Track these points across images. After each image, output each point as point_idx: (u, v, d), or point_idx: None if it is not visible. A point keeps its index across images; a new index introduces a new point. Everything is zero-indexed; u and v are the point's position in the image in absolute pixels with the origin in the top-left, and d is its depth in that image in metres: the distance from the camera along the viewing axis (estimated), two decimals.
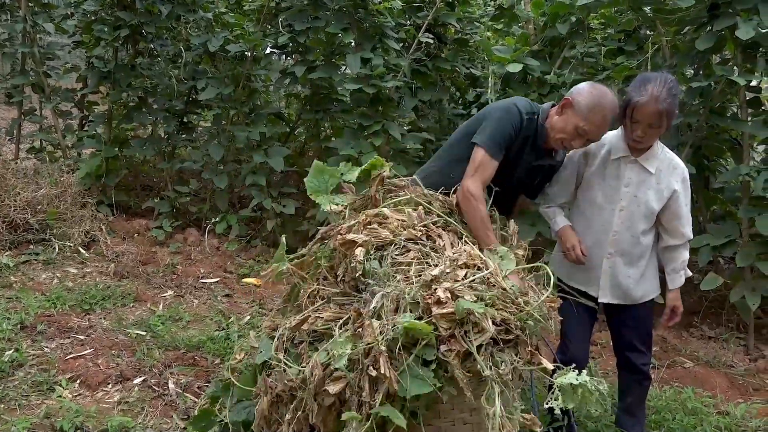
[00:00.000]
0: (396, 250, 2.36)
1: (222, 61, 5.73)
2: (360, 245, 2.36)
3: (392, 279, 2.26)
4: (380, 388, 2.07)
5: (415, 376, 2.06)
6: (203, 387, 3.29)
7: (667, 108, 2.44)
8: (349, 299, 2.41)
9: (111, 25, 5.78)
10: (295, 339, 2.41)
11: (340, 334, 2.21)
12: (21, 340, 3.64)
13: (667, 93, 2.44)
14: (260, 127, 5.57)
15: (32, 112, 6.46)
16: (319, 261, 2.55)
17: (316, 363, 2.17)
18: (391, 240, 2.38)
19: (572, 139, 2.58)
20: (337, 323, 2.29)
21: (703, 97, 4.22)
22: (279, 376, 2.31)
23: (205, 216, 5.81)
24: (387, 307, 2.16)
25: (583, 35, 4.70)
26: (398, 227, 2.44)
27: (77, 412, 2.95)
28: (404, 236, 2.40)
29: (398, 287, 2.20)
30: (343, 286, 2.44)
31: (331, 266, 2.54)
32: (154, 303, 4.38)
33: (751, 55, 4.12)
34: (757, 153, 5.13)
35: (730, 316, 4.33)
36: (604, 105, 2.53)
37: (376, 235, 2.40)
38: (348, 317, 2.29)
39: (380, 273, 2.29)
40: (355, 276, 2.37)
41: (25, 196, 5.21)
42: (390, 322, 2.10)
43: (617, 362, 2.87)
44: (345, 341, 2.15)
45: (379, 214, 2.50)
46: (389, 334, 2.06)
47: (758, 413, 3.20)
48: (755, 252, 3.97)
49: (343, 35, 5.36)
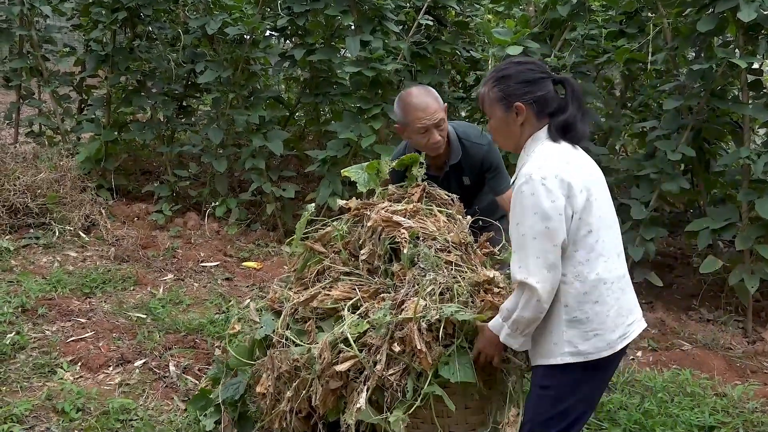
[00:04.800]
0: (439, 245, 2.33)
1: (221, 44, 5.69)
2: (406, 228, 2.33)
3: (441, 267, 2.23)
4: (396, 365, 2.08)
5: (464, 363, 2.08)
6: (204, 369, 3.32)
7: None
8: (359, 280, 2.40)
9: (108, 8, 5.74)
10: (297, 314, 2.40)
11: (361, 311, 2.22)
12: (22, 323, 3.66)
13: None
14: (259, 111, 5.55)
15: (31, 96, 6.43)
16: (339, 236, 2.52)
17: (325, 345, 2.16)
18: (435, 236, 2.35)
19: (425, 139, 2.73)
20: (347, 303, 2.28)
21: (704, 79, 4.20)
22: (284, 354, 2.30)
23: (205, 200, 5.81)
24: (435, 292, 2.15)
25: (583, 17, 4.66)
26: (444, 228, 2.40)
27: (79, 394, 2.98)
28: (450, 237, 2.36)
29: (449, 276, 2.19)
30: (360, 266, 2.41)
31: (346, 243, 2.52)
32: (154, 286, 4.39)
33: (752, 37, 4.09)
34: (757, 136, 5.13)
35: (728, 299, 4.34)
36: (402, 97, 2.78)
37: (422, 225, 2.37)
38: (357, 298, 2.28)
39: (431, 258, 2.25)
40: (383, 255, 2.35)
41: (25, 181, 5.21)
42: (436, 305, 2.09)
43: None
44: (384, 313, 2.14)
45: (425, 210, 2.46)
46: (433, 316, 2.06)
47: (755, 395, 3.22)
48: (755, 235, 3.97)
49: (342, 18, 5.32)
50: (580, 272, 1.87)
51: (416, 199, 2.52)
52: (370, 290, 2.33)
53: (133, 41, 6.04)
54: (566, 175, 1.85)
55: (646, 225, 4.29)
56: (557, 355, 1.91)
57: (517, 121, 1.98)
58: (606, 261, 1.90)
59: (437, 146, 2.77)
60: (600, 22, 4.87)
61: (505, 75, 1.99)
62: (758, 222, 3.99)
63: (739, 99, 4.28)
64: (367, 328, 2.16)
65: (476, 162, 2.90)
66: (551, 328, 1.92)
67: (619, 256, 1.98)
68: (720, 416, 2.99)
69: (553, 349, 1.92)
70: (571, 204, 1.85)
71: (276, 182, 5.61)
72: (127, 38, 6.09)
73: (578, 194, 1.85)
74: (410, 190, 2.57)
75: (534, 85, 1.96)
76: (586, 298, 1.88)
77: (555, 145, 1.94)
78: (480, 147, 2.89)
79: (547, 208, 1.81)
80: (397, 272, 2.30)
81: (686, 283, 4.78)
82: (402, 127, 2.81)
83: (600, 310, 1.89)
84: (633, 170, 4.61)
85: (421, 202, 2.53)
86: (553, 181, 1.83)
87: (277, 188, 5.53)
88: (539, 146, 1.95)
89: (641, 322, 2.04)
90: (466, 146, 2.88)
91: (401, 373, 2.09)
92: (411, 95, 2.76)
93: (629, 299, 1.99)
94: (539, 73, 1.98)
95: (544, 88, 1.97)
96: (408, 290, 2.19)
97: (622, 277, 1.96)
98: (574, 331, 1.89)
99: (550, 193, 1.82)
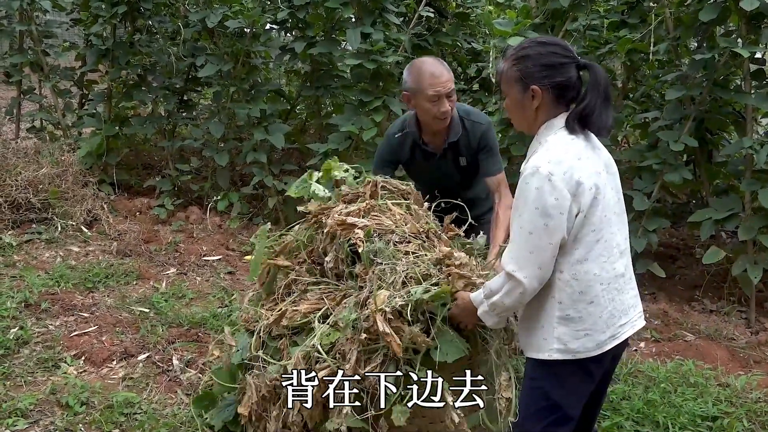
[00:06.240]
0: (397, 238, 2.32)
1: (221, 38, 5.68)
2: (360, 228, 2.33)
3: (399, 259, 2.22)
4: (373, 356, 2.09)
5: (449, 340, 2.08)
6: (207, 363, 3.32)
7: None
8: (327, 288, 2.40)
9: (108, 2, 5.72)
10: (272, 332, 2.40)
11: (323, 321, 2.22)
12: (26, 317, 3.67)
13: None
14: (260, 104, 5.54)
15: (31, 91, 6.43)
16: (301, 244, 2.53)
17: (298, 360, 2.18)
18: (392, 230, 2.34)
19: (436, 108, 2.73)
20: (316, 315, 2.28)
21: (707, 69, 4.18)
22: (261, 376, 2.31)
23: (207, 194, 5.81)
24: (396, 282, 2.15)
25: (585, 8, 4.63)
26: (400, 220, 2.40)
27: (82, 388, 2.99)
28: (408, 229, 2.36)
29: (408, 263, 2.19)
30: (327, 274, 2.42)
31: (310, 251, 2.52)
32: (157, 281, 4.40)
33: (755, 26, 4.07)
34: (760, 126, 5.10)
35: (731, 290, 4.33)
36: (414, 64, 2.79)
37: (378, 222, 2.37)
38: (326, 308, 2.29)
39: (387, 252, 2.25)
40: (345, 258, 2.36)
41: (27, 176, 5.21)
42: (400, 293, 2.09)
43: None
44: (348, 312, 2.14)
45: (380, 205, 2.46)
46: (398, 302, 2.06)
47: (758, 385, 3.22)
48: (758, 225, 3.96)
49: (342, 10, 5.29)
50: (577, 271, 1.85)
51: (369, 196, 2.52)
52: (338, 297, 2.34)
53: (134, 35, 6.02)
54: (576, 172, 1.79)
55: (648, 216, 4.29)
56: (546, 350, 1.90)
57: (532, 104, 1.90)
58: (605, 261, 1.87)
59: (445, 116, 2.77)
60: (602, 12, 4.85)
61: (526, 55, 1.89)
62: (761, 212, 3.98)
63: (742, 89, 4.26)
64: (338, 337, 2.17)
65: (474, 141, 2.91)
66: (543, 322, 1.91)
67: (622, 254, 1.94)
68: (723, 406, 2.99)
69: (542, 344, 1.91)
70: (577, 202, 1.80)
71: (278, 176, 5.61)
72: (128, 32, 6.08)
73: (586, 192, 1.80)
74: (363, 189, 2.57)
75: (554, 70, 1.86)
76: (581, 298, 1.86)
77: (569, 138, 1.86)
78: (479, 125, 2.91)
79: (550, 206, 1.77)
80: (360, 272, 2.30)
81: (689, 273, 4.77)
82: (410, 95, 2.78)
83: (593, 311, 1.87)
84: (635, 161, 4.60)
85: (376, 198, 2.52)
86: (560, 177, 1.77)
87: (279, 182, 5.52)
88: (552, 136, 1.87)
89: (637, 323, 1.99)
90: (466, 125, 2.90)
91: (379, 367, 2.08)
92: (425, 62, 2.77)
93: (626, 299, 1.94)
94: (563, 58, 1.87)
95: (565, 73, 1.86)
96: (371, 286, 2.18)
97: (621, 276, 1.92)
98: (565, 328, 1.87)
99: (555, 190, 1.77)
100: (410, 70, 2.78)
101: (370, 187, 2.55)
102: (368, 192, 2.54)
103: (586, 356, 1.88)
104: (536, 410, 1.95)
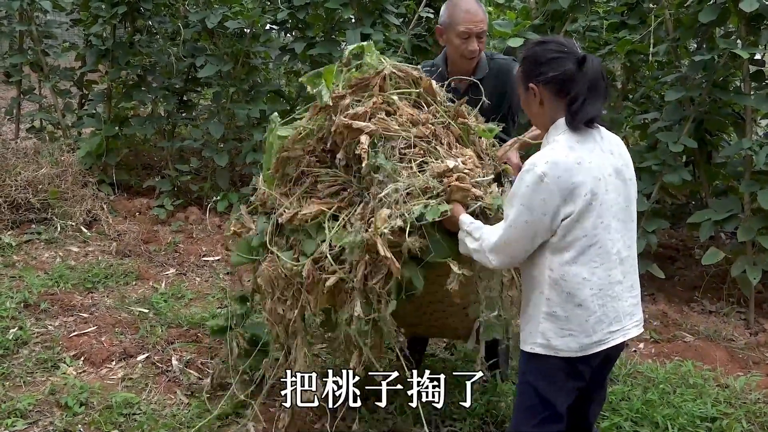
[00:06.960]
0: (403, 142, 2.34)
1: (221, 38, 5.68)
2: (366, 134, 2.33)
3: (400, 174, 2.25)
4: (377, 274, 2.18)
5: (434, 242, 2.15)
6: (206, 363, 3.32)
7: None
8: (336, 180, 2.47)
9: (108, 3, 5.72)
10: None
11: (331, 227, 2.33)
12: (25, 318, 3.66)
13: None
14: (260, 105, 5.54)
15: (31, 91, 6.43)
16: (311, 134, 2.56)
17: (311, 267, 2.31)
18: (399, 135, 2.35)
19: (464, 45, 2.79)
20: (326, 215, 2.37)
21: (706, 70, 4.19)
22: (275, 264, 2.44)
23: (207, 194, 5.81)
24: (399, 199, 2.19)
25: (585, 9, 4.65)
26: (407, 122, 2.40)
27: (82, 388, 2.99)
28: (413, 133, 2.36)
29: (408, 181, 2.22)
30: (338, 166, 2.46)
31: (320, 138, 2.54)
32: (156, 281, 4.40)
33: (755, 27, 4.07)
34: (759, 127, 5.10)
35: (730, 291, 4.33)
36: (452, 1, 2.85)
37: (384, 126, 2.36)
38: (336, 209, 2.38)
39: (388, 168, 2.26)
40: (352, 158, 2.40)
41: (26, 176, 5.20)
42: (400, 212, 2.15)
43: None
44: (354, 236, 2.20)
45: (387, 101, 2.44)
46: (397, 224, 2.12)
47: (758, 386, 3.22)
48: (757, 226, 3.96)
49: (342, 11, 5.30)
50: (566, 272, 1.85)
51: (377, 89, 2.47)
52: (346, 198, 2.42)
53: (134, 36, 6.03)
54: (573, 175, 1.80)
55: (648, 217, 4.29)
56: (529, 342, 1.94)
57: (535, 101, 1.93)
58: (597, 266, 1.86)
59: (472, 55, 2.83)
60: (601, 13, 4.86)
61: (525, 55, 1.96)
62: (760, 213, 3.98)
63: (741, 90, 4.26)
64: (346, 242, 2.24)
65: (500, 81, 2.91)
66: (531, 314, 1.94)
67: (622, 262, 1.92)
68: (722, 407, 2.98)
69: (528, 336, 1.95)
70: (568, 206, 1.81)
71: None
72: (128, 33, 6.08)
73: (580, 197, 1.80)
74: (371, 79, 2.52)
75: (545, 66, 1.88)
76: (568, 298, 1.86)
77: (574, 140, 1.86)
78: (507, 62, 2.95)
79: (535, 204, 1.80)
80: (365, 176, 2.35)
81: (688, 274, 4.77)
82: (443, 29, 2.87)
83: (581, 314, 1.86)
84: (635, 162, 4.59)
85: (385, 88, 2.49)
86: (553, 180, 1.79)
87: None
88: (559, 136, 1.89)
89: (631, 331, 1.95)
90: (492, 66, 2.93)
91: (384, 279, 2.18)
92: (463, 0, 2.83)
93: (621, 307, 1.91)
94: (555, 53, 1.88)
95: (558, 67, 1.86)
96: (374, 204, 2.26)
97: (618, 283, 1.90)
98: (550, 324, 1.89)
99: (544, 191, 1.79)
100: (447, 5, 2.87)
101: (379, 78, 2.50)
102: (377, 83, 2.49)
103: (568, 355, 1.89)
104: (526, 407, 1.98)
